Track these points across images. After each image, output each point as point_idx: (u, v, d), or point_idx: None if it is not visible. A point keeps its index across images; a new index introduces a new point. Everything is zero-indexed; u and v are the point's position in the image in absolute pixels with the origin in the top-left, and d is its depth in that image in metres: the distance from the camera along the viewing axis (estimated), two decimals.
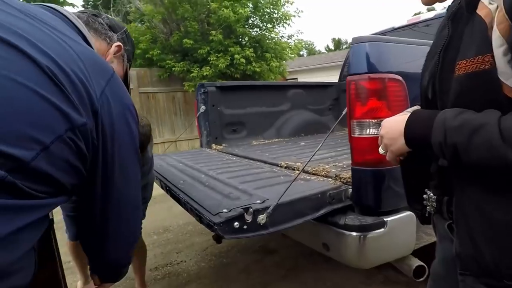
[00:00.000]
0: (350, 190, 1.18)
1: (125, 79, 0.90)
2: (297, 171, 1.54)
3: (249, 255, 2.28)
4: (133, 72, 6.11)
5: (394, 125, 0.62)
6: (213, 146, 2.60)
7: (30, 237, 0.45)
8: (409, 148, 0.59)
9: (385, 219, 1.11)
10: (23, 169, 0.42)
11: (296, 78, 14.30)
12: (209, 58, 5.93)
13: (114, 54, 0.81)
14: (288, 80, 14.33)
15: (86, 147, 0.53)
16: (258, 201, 1.02)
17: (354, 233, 1.09)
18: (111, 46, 0.80)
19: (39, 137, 0.44)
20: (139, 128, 1.14)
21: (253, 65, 6.28)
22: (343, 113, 1.20)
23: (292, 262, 2.11)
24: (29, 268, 0.48)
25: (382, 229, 1.11)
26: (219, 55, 5.98)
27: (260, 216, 0.96)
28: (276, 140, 2.88)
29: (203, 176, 1.50)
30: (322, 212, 1.11)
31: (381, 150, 0.67)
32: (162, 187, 1.48)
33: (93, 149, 0.55)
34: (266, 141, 2.82)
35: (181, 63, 6.07)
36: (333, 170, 1.40)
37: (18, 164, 0.41)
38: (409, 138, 0.57)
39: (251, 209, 0.96)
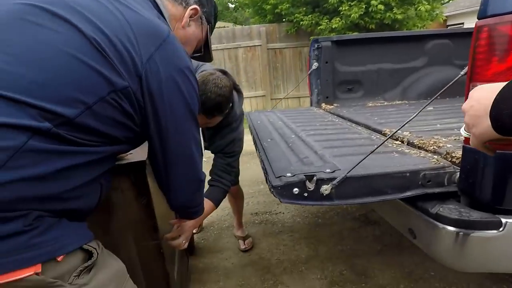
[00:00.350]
0: (458, 174, 0.92)
1: (206, 40, 0.95)
2: (399, 142, 1.31)
3: (346, 221, 2.19)
4: (262, 29, 6.32)
5: (482, 97, 0.42)
6: (323, 105, 2.48)
7: (84, 174, 0.58)
8: (497, 134, 0.40)
9: (503, 220, 0.83)
10: (69, 124, 0.53)
11: (462, 24, 11.33)
12: (341, 8, 5.41)
13: (190, 17, 0.84)
14: (450, 27, 11.53)
15: (132, 107, 0.60)
16: (328, 170, 0.94)
17: (449, 228, 0.87)
18: (187, 10, 0.83)
19: (83, 98, 0.54)
20: (216, 89, 1.20)
21: (394, 11, 5.34)
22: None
23: (392, 239, 1.91)
24: (90, 198, 0.62)
25: (496, 231, 0.84)
26: (352, 3, 5.37)
27: (324, 186, 0.89)
28: (399, 102, 2.48)
29: (292, 136, 1.48)
30: (408, 194, 0.92)
31: (463, 131, 0.48)
32: (253, 143, 1.56)
33: (140, 109, 0.62)
34: (385, 103, 2.47)
35: (310, 16, 5.81)
36: (449, 146, 1.11)
37: (64, 119, 0.52)
38: (495, 120, 0.38)
39: (315, 178, 0.90)
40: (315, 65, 2.49)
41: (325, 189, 0.89)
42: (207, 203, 1.34)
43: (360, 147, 1.24)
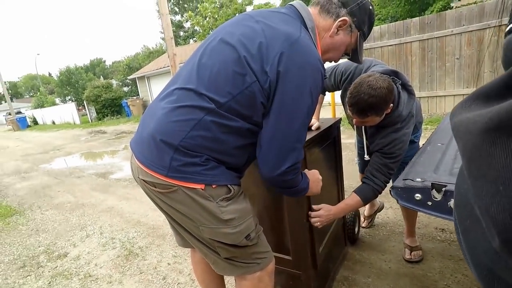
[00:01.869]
0: None
1: (356, 45, 1.06)
2: None
3: None
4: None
5: None
6: None
7: (235, 140, 0.91)
8: None
9: None
10: (223, 107, 0.87)
11: None
12: None
13: (338, 27, 1.00)
14: None
15: (261, 94, 0.87)
16: None
17: None
18: (335, 21, 0.99)
19: (231, 91, 0.86)
20: (370, 91, 1.24)
21: None
22: None
23: None
24: (237, 158, 0.95)
25: None
26: None
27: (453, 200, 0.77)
28: None
29: None
30: None
31: None
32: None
33: (267, 95, 0.87)
34: None
35: None
36: None
37: (219, 104, 0.87)
38: None
39: (443, 189, 0.80)
40: None
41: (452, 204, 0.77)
42: (354, 198, 1.42)
43: None
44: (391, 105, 1.31)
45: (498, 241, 0.21)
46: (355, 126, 1.62)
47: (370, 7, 1.04)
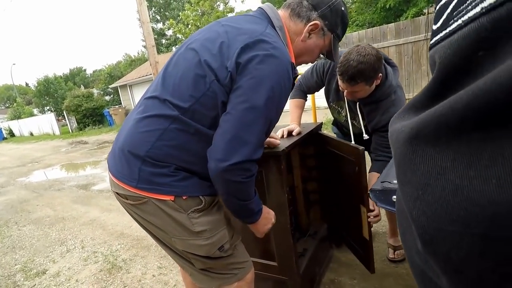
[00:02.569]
0: None
1: (330, 47, 1.04)
2: None
3: None
4: None
5: None
6: None
7: (199, 147, 0.88)
8: None
9: None
10: (187, 112, 0.85)
11: None
12: None
13: (310, 31, 0.98)
14: None
15: (222, 93, 0.84)
16: None
17: None
18: (306, 25, 0.97)
19: (194, 94, 0.85)
20: (358, 57, 1.31)
21: None
22: None
23: None
24: (204, 166, 0.89)
25: None
26: None
27: None
28: None
29: None
30: None
31: None
32: None
33: (228, 91, 0.84)
34: None
35: None
36: None
37: (183, 109, 0.85)
38: None
39: None
40: None
41: None
42: (376, 176, 1.41)
43: None
44: (380, 75, 1.36)
45: (420, 243, 0.23)
46: (346, 112, 1.64)
47: (343, 8, 1.01)
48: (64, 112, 16.94)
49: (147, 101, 0.93)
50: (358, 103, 1.52)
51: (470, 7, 0.21)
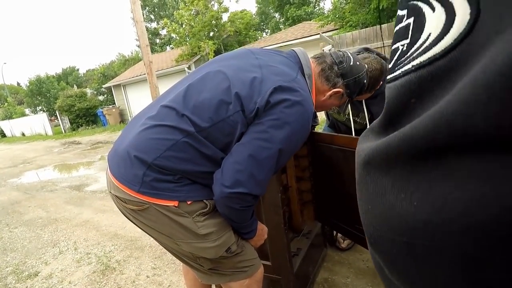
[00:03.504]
0: None
1: (342, 105, 1.14)
2: None
3: None
4: None
5: None
6: None
7: (207, 165, 0.89)
8: None
9: None
10: (203, 131, 0.86)
11: None
12: None
13: (331, 95, 1.05)
14: None
15: (244, 125, 0.86)
16: None
17: None
18: (331, 90, 1.04)
19: (213, 117, 0.86)
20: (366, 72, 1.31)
21: None
22: None
23: None
24: (209, 180, 0.91)
25: None
26: None
27: None
28: None
29: None
30: None
31: None
32: None
33: (250, 123, 0.86)
34: None
35: None
36: None
37: (200, 128, 0.85)
38: None
39: None
40: None
41: None
42: None
43: None
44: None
45: (369, 245, 0.29)
46: (348, 110, 1.69)
47: (365, 81, 1.08)
48: (57, 112, 16.74)
49: (162, 109, 0.91)
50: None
51: (406, 61, 0.26)
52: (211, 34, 14.16)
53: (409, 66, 0.25)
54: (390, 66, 0.29)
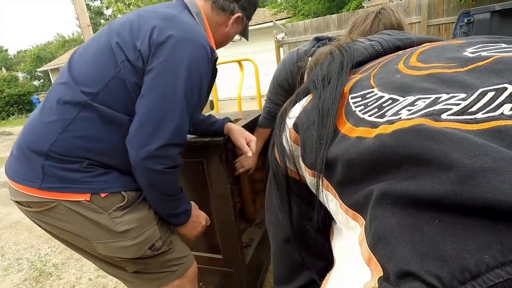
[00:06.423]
0: None
1: (244, 30, 1.10)
2: None
3: None
4: (424, 2, 5.37)
5: None
6: None
7: (114, 137, 0.80)
8: None
9: None
10: (98, 97, 0.76)
11: None
12: None
13: (232, 23, 1.01)
14: None
15: (134, 74, 0.77)
16: None
17: None
18: (230, 18, 1.00)
19: (104, 78, 0.77)
20: None
21: None
22: None
23: None
24: (123, 159, 0.80)
25: None
26: None
27: None
28: None
29: None
30: None
31: None
32: None
33: (142, 73, 0.78)
34: None
35: None
36: None
37: (93, 95, 0.76)
38: None
39: None
40: None
41: None
42: None
43: None
44: None
45: None
46: None
47: None
48: None
49: (52, 89, 0.81)
50: None
51: None
52: None
53: None
54: None
